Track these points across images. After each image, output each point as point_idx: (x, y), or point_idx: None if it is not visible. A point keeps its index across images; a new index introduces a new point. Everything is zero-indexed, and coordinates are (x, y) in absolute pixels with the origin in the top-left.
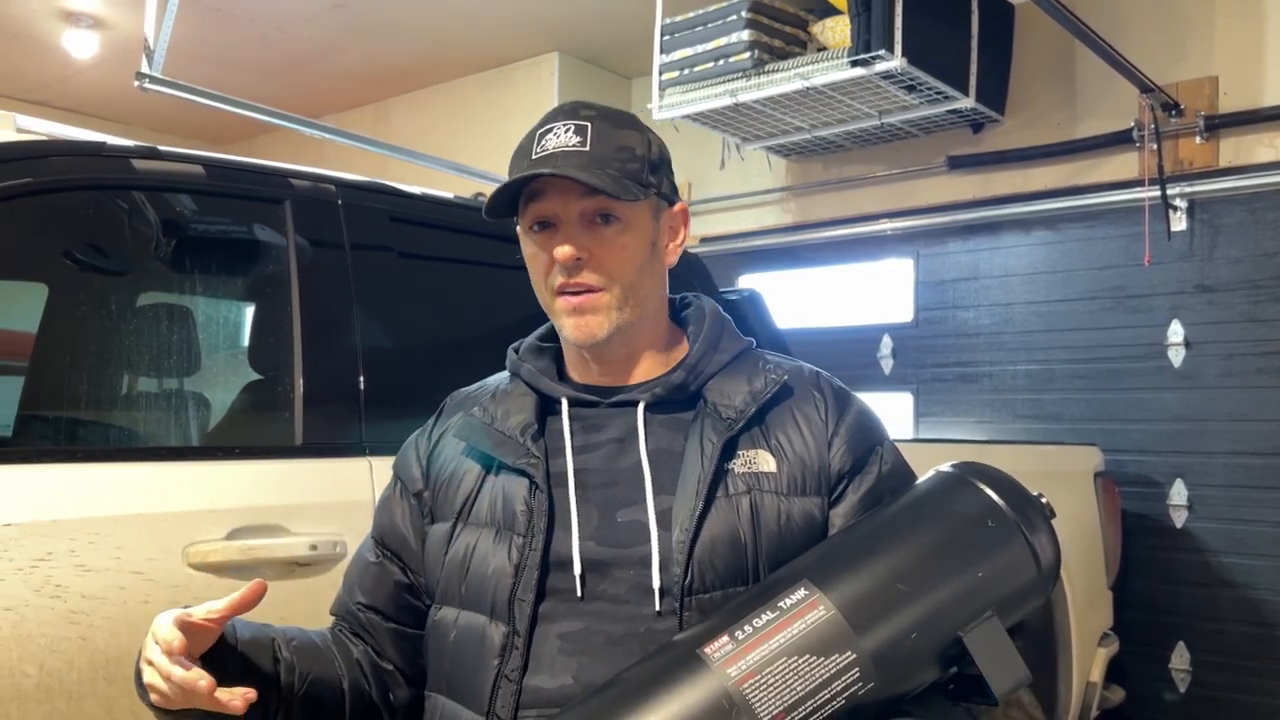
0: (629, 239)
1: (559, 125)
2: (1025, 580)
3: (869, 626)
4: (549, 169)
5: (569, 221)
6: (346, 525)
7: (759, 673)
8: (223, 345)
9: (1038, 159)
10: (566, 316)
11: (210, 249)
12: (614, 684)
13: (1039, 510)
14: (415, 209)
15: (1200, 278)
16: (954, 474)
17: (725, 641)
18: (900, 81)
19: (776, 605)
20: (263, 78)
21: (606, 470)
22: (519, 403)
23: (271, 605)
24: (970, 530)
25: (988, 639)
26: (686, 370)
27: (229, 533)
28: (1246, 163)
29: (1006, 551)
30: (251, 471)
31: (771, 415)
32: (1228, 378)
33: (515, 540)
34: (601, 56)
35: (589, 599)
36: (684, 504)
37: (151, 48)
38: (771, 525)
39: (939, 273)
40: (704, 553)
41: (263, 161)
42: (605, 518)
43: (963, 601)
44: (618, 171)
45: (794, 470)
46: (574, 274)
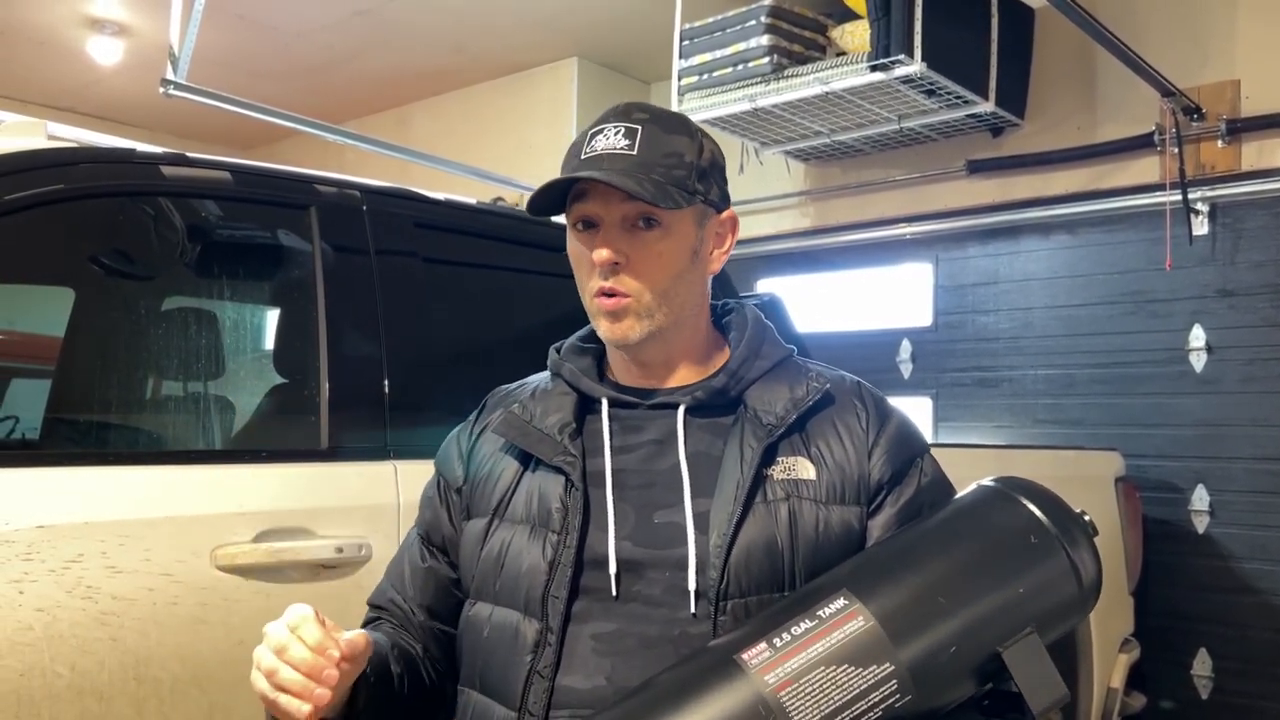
0: (668, 245)
1: (610, 127)
2: (1066, 597)
3: (908, 638)
4: (592, 172)
5: (610, 224)
6: (372, 528)
7: (796, 681)
8: (248, 349)
9: (1058, 163)
10: (602, 317)
11: (236, 254)
12: (649, 687)
13: (1081, 527)
14: (439, 215)
15: (1222, 282)
16: (996, 488)
17: (763, 648)
18: (920, 86)
19: (815, 614)
20: (284, 84)
21: (644, 471)
22: (558, 401)
23: None
24: (1012, 545)
25: (1027, 656)
26: (728, 375)
27: (256, 535)
28: (1269, 166)
29: (1048, 568)
30: (278, 475)
31: (812, 423)
32: (1249, 383)
33: (550, 537)
34: (620, 62)
35: (624, 599)
36: (722, 508)
37: (176, 55)
38: (809, 533)
39: (958, 277)
40: (740, 557)
41: (288, 168)
42: (642, 518)
43: (1002, 617)
44: (662, 177)
45: (833, 479)
46: (610, 277)
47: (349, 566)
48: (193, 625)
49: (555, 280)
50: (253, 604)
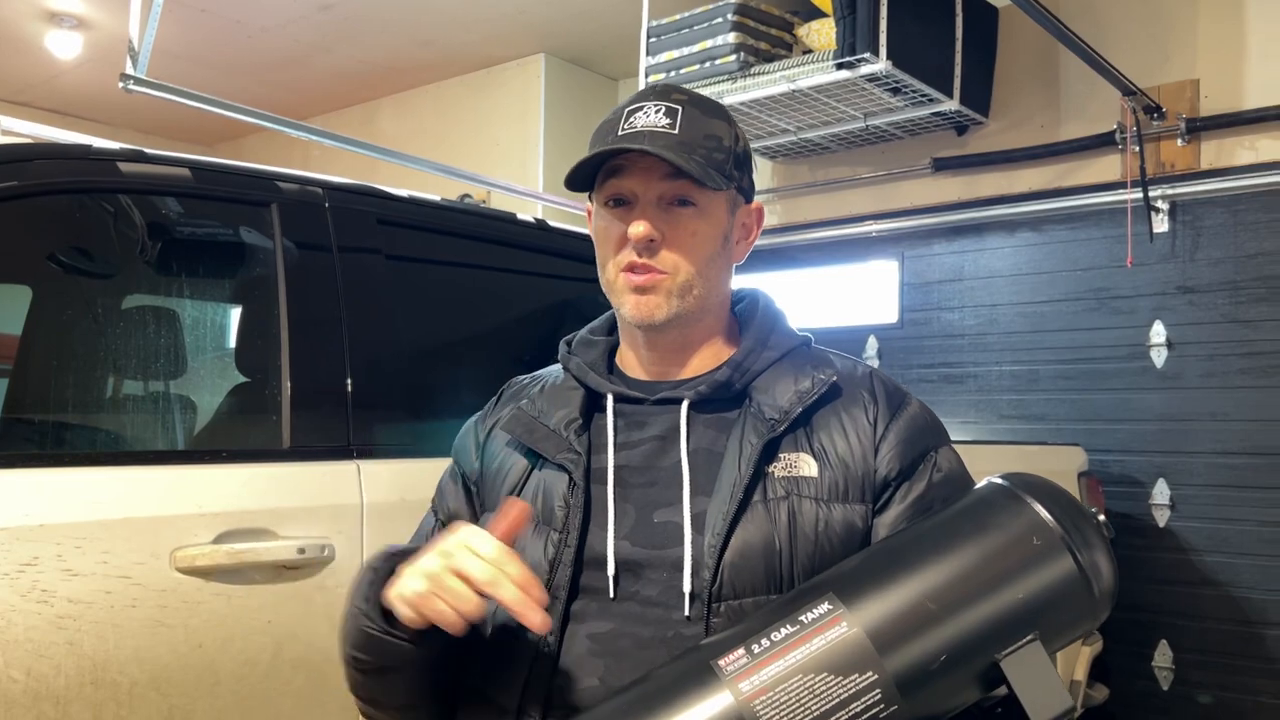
0: (703, 226)
1: (649, 105)
2: (1074, 602)
3: (894, 646)
4: (639, 144)
5: (646, 201)
6: (334, 529)
7: (772, 689)
8: (209, 348)
9: (1022, 161)
10: (628, 294)
11: (196, 252)
12: (628, 691)
13: (1094, 527)
14: (403, 211)
15: (1182, 279)
16: (1000, 486)
17: (740, 654)
18: (885, 84)
19: (797, 619)
20: (249, 78)
21: (647, 469)
22: (566, 396)
23: (260, 609)
24: (1011, 547)
25: (1027, 664)
26: (732, 368)
27: (216, 536)
28: (1227, 165)
29: (1052, 571)
30: (239, 475)
31: (817, 417)
32: (1209, 378)
33: (552, 535)
34: (588, 58)
35: (620, 599)
36: (718, 507)
37: (136, 49)
38: (808, 532)
39: (924, 274)
40: (734, 558)
41: (249, 164)
42: (642, 517)
43: (999, 624)
44: (703, 159)
45: (836, 475)
46: (644, 254)
47: (311, 567)
48: (152, 628)
49: (521, 278)
50: (213, 606)
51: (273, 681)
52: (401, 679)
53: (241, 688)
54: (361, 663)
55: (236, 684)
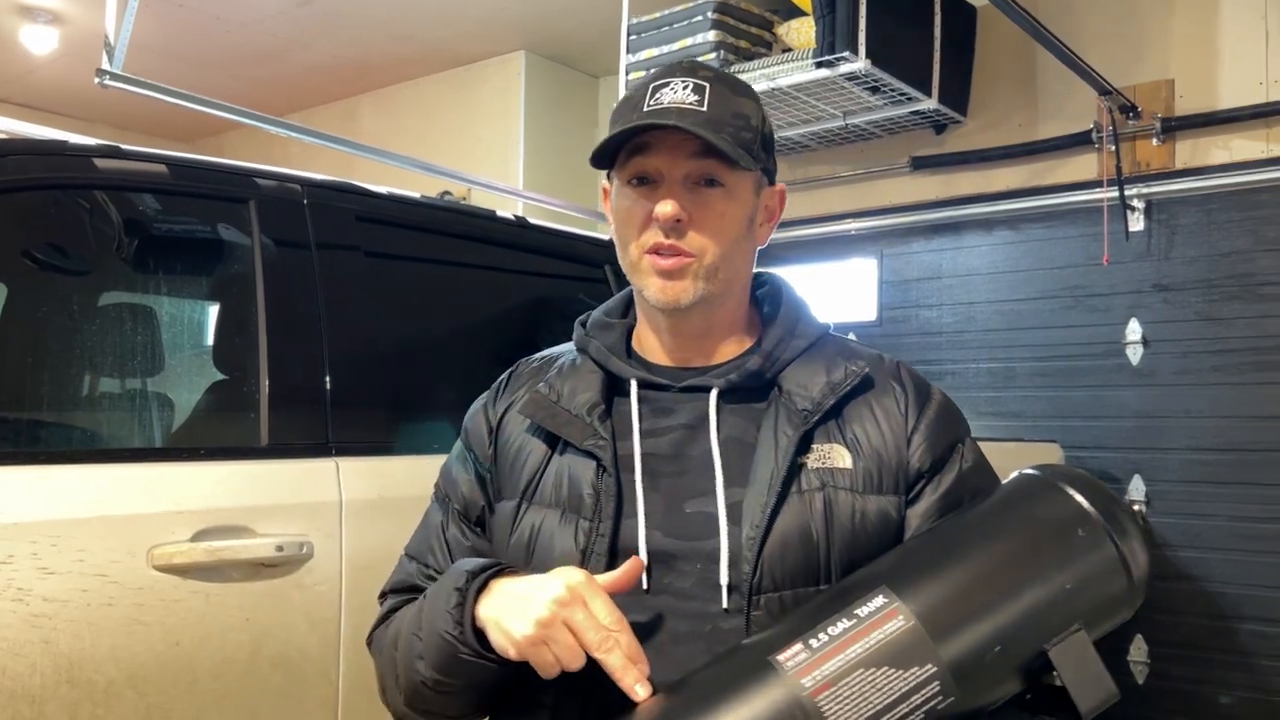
0: (730, 207)
1: (676, 81)
2: (1115, 592)
3: (950, 638)
4: (671, 121)
5: (673, 180)
6: (313, 526)
7: (835, 684)
8: (187, 346)
9: (999, 160)
10: (654, 277)
11: (174, 249)
12: (680, 688)
13: (1131, 517)
14: (382, 208)
15: (1157, 277)
16: (1039, 477)
17: (799, 649)
18: (864, 83)
19: (853, 613)
20: (228, 74)
21: (675, 457)
22: (586, 380)
23: (238, 607)
24: (1059, 538)
25: (1074, 653)
26: (763, 357)
27: (194, 534)
28: (1202, 164)
29: (1096, 561)
30: (217, 473)
31: (849, 408)
32: (1184, 375)
33: (581, 524)
34: (568, 55)
35: (654, 592)
36: (755, 498)
37: (112, 44)
38: (845, 523)
39: (903, 272)
40: (774, 550)
41: (227, 161)
42: (673, 507)
43: (1049, 614)
44: (731, 137)
45: (870, 466)
46: (671, 235)
47: (290, 565)
48: (128, 626)
49: (501, 275)
50: (190, 604)
51: (251, 679)
52: (474, 693)
53: (219, 686)
54: (444, 685)
55: (214, 682)
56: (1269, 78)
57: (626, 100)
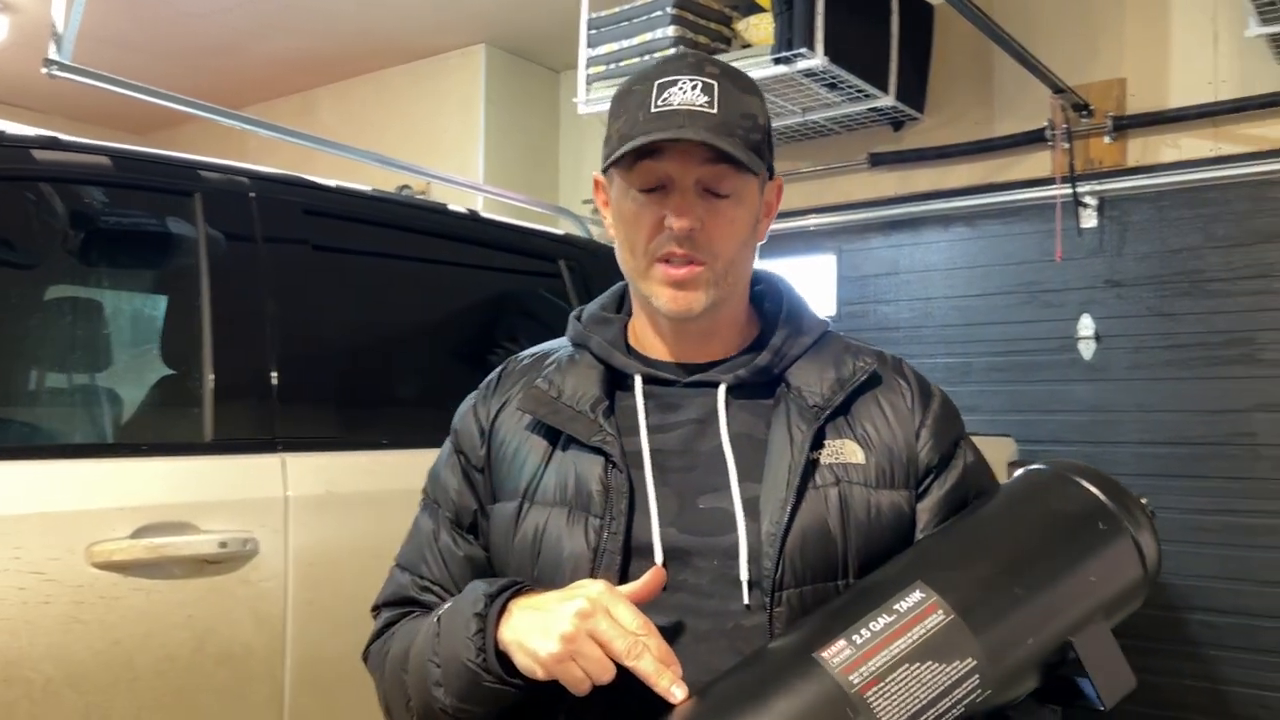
0: (739, 213)
1: (685, 80)
2: (1132, 582)
3: (989, 631)
4: (686, 132)
5: (684, 188)
6: (258, 522)
7: (882, 680)
8: (133, 340)
9: (956, 156)
10: (664, 286)
11: (117, 242)
12: (722, 688)
13: (1142, 509)
14: (330, 201)
15: (1109, 273)
16: (1055, 473)
17: (843, 646)
18: (822, 79)
19: (892, 608)
20: (186, 66)
21: (684, 453)
22: (586, 375)
23: (181, 604)
24: (1082, 531)
25: (1098, 644)
26: (772, 353)
27: (135, 531)
28: (1153, 162)
29: (1116, 553)
30: (159, 468)
31: (857, 404)
32: (1136, 370)
33: (591, 522)
34: (529, 49)
35: (671, 589)
36: (773, 493)
37: (60, 33)
38: (861, 518)
39: (861, 268)
40: (794, 545)
41: (171, 153)
42: (686, 503)
43: (1076, 605)
44: (742, 140)
45: (882, 462)
46: (685, 245)
47: (234, 561)
48: (67, 624)
49: (453, 269)
50: (131, 601)
51: (194, 676)
52: (495, 715)
53: (161, 683)
54: (466, 712)
55: (156, 680)
56: (1217, 78)
57: (630, 95)
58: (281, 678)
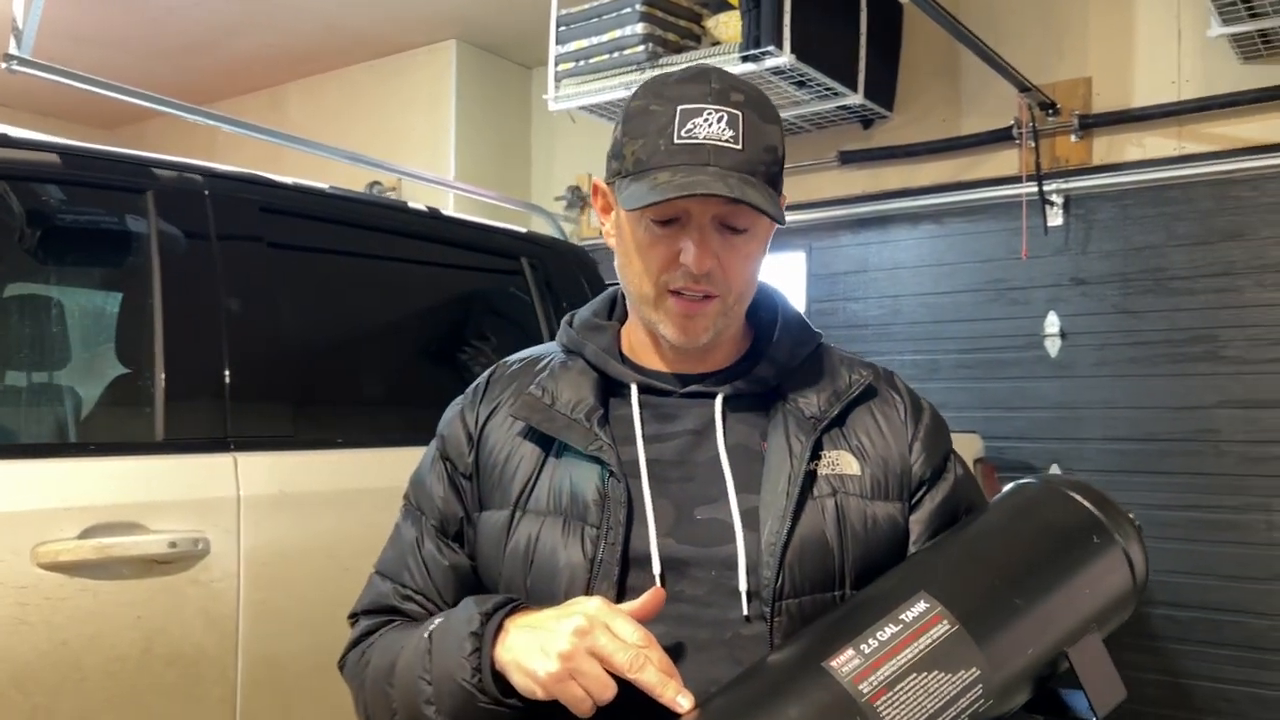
0: (754, 247)
1: (710, 110)
2: (1123, 593)
3: (991, 642)
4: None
5: (701, 224)
6: (209, 522)
7: (891, 688)
8: (84, 339)
9: (924, 155)
10: (674, 318)
11: (68, 240)
12: (730, 698)
13: (1130, 522)
14: (287, 199)
15: (1075, 271)
16: (1047, 487)
17: (851, 655)
18: (790, 77)
19: (898, 619)
20: (154, 61)
21: (681, 464)
22: (580, 382)
23: (129, 605)
24: (1076, 545)
25: (1091, 655)
26: (770, 364)
27: (82, 531)
28: (1118, 161)
29: (1108, 565)
30: (108, 468)
31: (852, 416)
32: (1101, 367)
33: (588, 532)
34: (500, 45)
35: (670, 600)
36: (772, 504)
37: (20, 27)
38: (857, 529)
39: (830, 265)
40: (793, 556)
41: (124, 150)
42: (683, 514)
43: (1071, 617)
44: (764, 177)
45: (877, 473)
46: (701, 281)
47: (184, 561)
48: (12, 626)
49: (413, 267)
50: (78, 602)
51: (143, 678)
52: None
53: (110, 684)
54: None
55: (104, 681)
56: (1180, 77)
57: (649, 116)
58: (234, 678)
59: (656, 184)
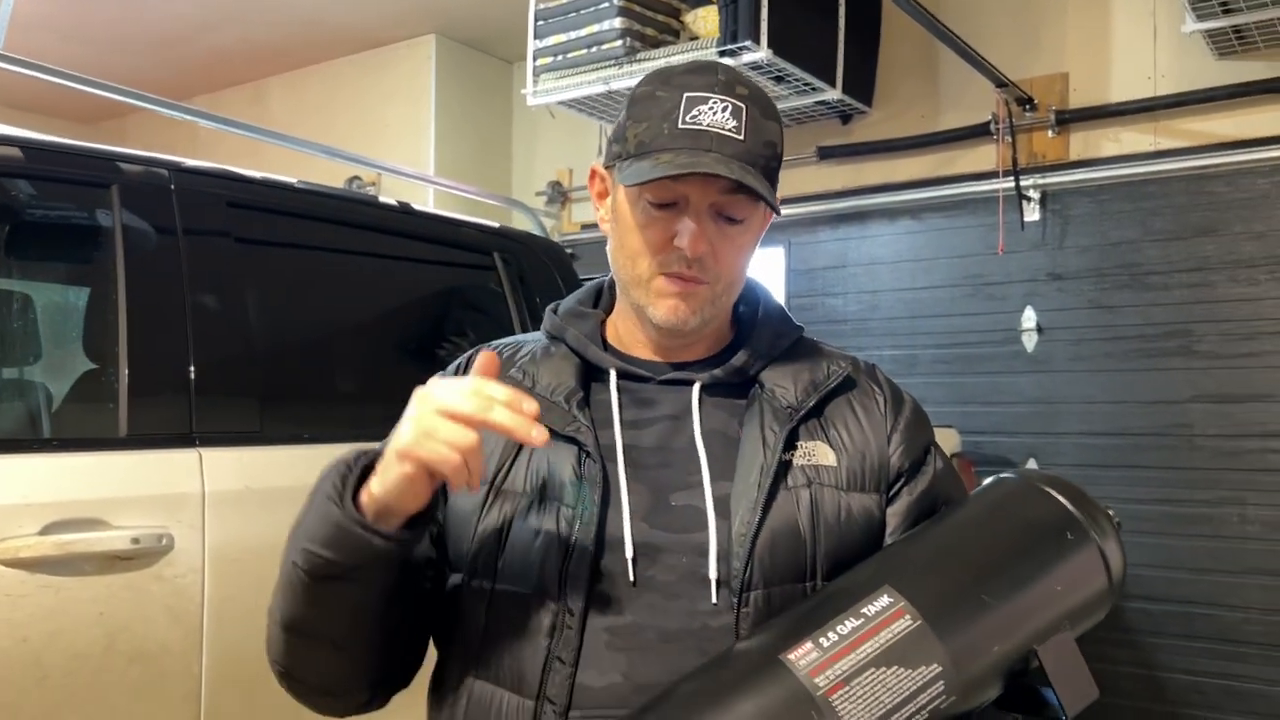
0: (747, 238)
1: (715, 99)
2: (1098, 592)
3: (955, 638)
4: (721, 168)
5: (698, 210)
6: (174, 518)
7: (848, 683)
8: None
9: (903, 150)
10: (664, 298)
11: (33, 235)
12: (687, 689)
13: (1109, 519)
14: (255, 194)
15: (1051, 266)
16: (1024, 482)
17: (810, 648)
18: (768, 72)
19: (860, 612)
20: (135, 56)
21: (658, 449)
22: (561, 366)
23: (92, 600)
24: (1050, 541)
25: (1062, 654)
26: (749, 354)
27: (43, 527)
28: (1094, 156)
29: (1083, 563)
30: (70, 464)
31: (830, 407)
32: (1076, 362)
33: (564, 512)
34: (481, 40)
35: (640, 586)
36: (744, 493)
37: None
38: (831, 521)
39: (809, 261)
40: (764, 546)
41: (88, 144)
42: (658, 499)
43: (1042, 614)
44: (762, 170)
45: (854, 465)
46: (694, 266)
47: (147, 557)
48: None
49: (383, 262)
50: (39, 599)
51: (106, 675)
52: (358, 594)
53: (71, 682)
54: (323, 565)
55: (66, 678)
56: (1156, 72)
57: (654, 101)
58: (198, 675)
59: (659, 163)
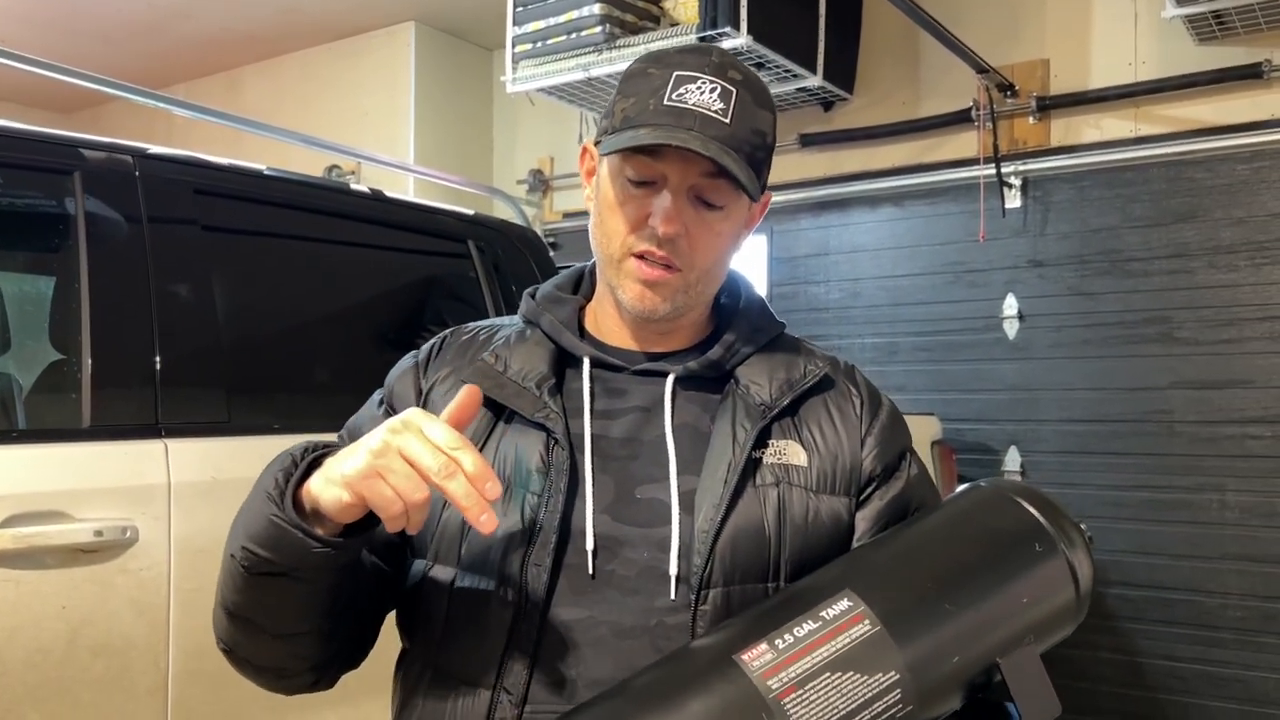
0: (725, 226)
1: (704, 80)
2: (1065, 604)
3: (914, 646)
4: (697, 144)
5: (676, 191)
6: (138, 510)
7: (801, 687)
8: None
9: (884, 137)
10: (634, 282)
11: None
12: (637, 686)
13: (1079, 532)
14: (223, 181)
15: (1032, 253)
16: (995, 491)
17: (764, 650)
18: (748, 59)
19: (818, 615)
20: (110, 44)
21: (628, 441)
22: (534, 352)
23: (55, 594)
24: (1017, 552)
25: (1024, 667)
26: (724, 348)
27: (3, 520)
28: (1075, 142)
29: (1050, 575)
30: (31, 456)
31: (805, 407)
32: (1057, 349)
33: (529, 499)
34: (460, 27)
35: (599, 580)
36: (710, 488)
37: None
38: (798, 521)
39: (791, 249)
40: (726, 543)
41: (49, 130)
42: (623, 492)
43: (1006, 626)
44: (747, 159)
45: (825, 466)
46: (665, 247)
47: (111, 550)
48: None
49: (354, 250)
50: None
51: (69, 669)
52: (299, 590)
53: (33, 677)
54: (261, 563)
55: (27, 673)
56: (1137, 59)
57: (644, 78)
58: (165, 668)
59: (637, 136)
